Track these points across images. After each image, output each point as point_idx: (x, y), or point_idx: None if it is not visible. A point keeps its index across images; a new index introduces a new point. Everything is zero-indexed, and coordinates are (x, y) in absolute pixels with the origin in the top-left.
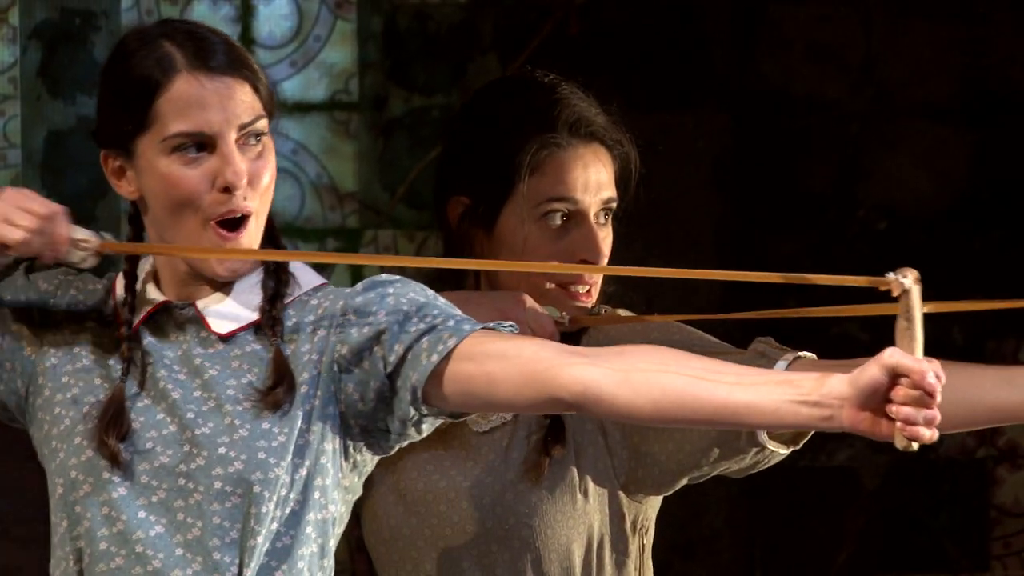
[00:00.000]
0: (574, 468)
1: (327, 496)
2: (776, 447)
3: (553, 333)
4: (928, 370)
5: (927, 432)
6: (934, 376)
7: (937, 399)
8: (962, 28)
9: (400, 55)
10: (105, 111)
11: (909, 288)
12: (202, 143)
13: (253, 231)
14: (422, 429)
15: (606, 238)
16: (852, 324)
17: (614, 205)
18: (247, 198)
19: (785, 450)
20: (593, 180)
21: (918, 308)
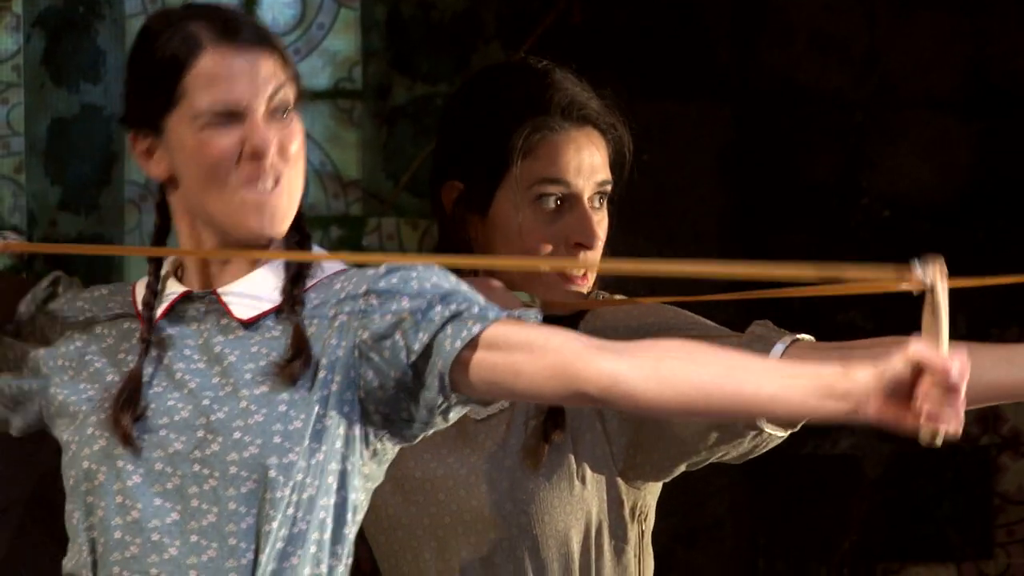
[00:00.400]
0: (571, 455)
1: (345, 482)
2: (774, 430)
3: None
4: (951, 366)
5: (953, 425)
6: (958, 372)
7: (961, 395)
8: (965, 19)
9: (404, 43)
10: (133, 93)
11: (934, 284)
12: (231, 114)
13: (287, 190)
14: (449, 417)
15: (601, 222)
16: (857, 312)
17: (608, 188)
18: (275, 165)
19: (783, 432)
20: (587, 163)
21: (944, 303)
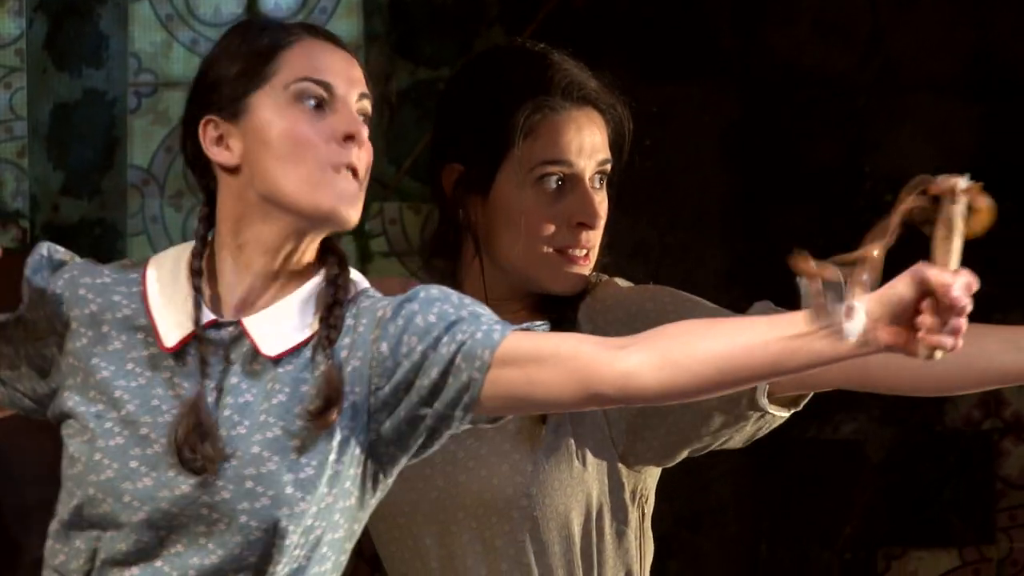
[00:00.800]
0: (571, 437)
1: (350, 516)
2: (776, 411)
3: None
4: (953, 283)
5: (949, 340)
6: (961, 288)
7: (966, 310)
8: (968, 2)
9: (406, 28)
10: (211, 80)
11: (959, 193)
12: (322, 100)
13: (363, 186)
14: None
15: (602, 202)
16: None
17: (609, 168)
18: (360, 156)
19: (785, 412)
20: (587, 143)
21: (960, 217)
